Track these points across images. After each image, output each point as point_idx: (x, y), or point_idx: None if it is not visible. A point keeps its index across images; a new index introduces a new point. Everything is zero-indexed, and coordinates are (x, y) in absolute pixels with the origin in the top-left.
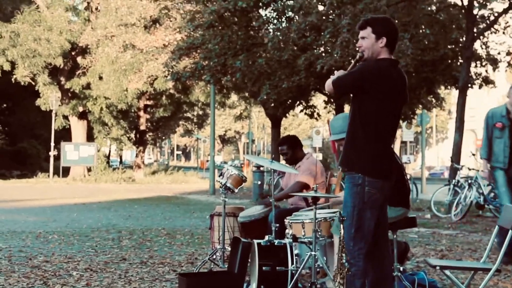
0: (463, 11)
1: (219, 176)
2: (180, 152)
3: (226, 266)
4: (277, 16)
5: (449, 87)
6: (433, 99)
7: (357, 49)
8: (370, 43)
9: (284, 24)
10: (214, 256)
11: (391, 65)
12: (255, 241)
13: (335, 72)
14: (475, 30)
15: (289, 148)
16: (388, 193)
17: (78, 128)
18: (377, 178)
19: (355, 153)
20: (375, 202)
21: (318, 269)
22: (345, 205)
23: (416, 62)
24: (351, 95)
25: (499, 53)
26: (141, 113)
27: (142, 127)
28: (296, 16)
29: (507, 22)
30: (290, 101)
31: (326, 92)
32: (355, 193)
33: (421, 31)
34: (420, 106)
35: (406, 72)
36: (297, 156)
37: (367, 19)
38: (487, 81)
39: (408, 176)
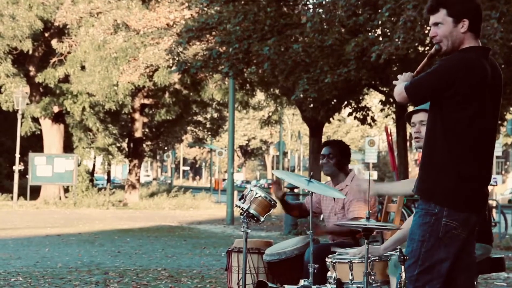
0: None
1: (240, 199)
2: (187, 168)
3: None
4: None
5: None
6: None
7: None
8: (448, 30)
9: None
10: None
11: (482, 56)
12: (287, 287)
13: (399, 76)
14: None
15: (337, 154)
16: (476, 229)
17: (52, 134)
18: (461, 211)
19: (434, 177)
20: (453, 239)
21: None
22: (411, 238)
23: (507, 50)
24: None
25: None
26: (137, 115)
27: (138, 134)
28: None
29: None
30: (335, 100)
31: (397, 100)
32: (427, 225)
33: None
34: None
35: None
36: (342, 169)
37: None
38: None
39: (494, 203)
